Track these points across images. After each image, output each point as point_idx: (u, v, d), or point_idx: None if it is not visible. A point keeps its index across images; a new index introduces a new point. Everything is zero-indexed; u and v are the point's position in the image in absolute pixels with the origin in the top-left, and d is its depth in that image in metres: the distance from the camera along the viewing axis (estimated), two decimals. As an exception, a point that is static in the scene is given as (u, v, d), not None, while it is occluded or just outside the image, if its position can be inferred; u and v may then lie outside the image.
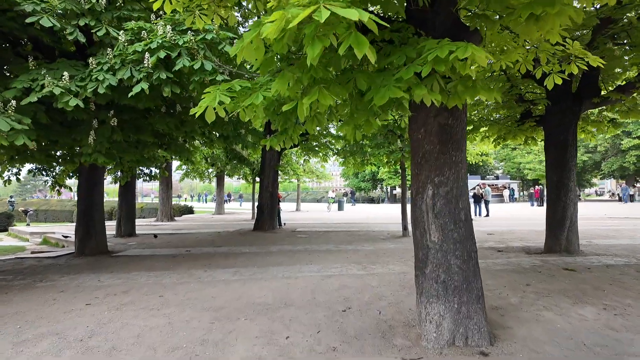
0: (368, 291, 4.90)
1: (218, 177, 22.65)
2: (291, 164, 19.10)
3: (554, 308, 4.10)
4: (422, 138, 3.33)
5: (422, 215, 3.30)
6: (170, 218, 18.25)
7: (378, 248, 8.52)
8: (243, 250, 8.49)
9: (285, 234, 11.59)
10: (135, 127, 7.10)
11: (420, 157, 3.34)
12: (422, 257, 3.32)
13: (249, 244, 9.45)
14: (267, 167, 12.27)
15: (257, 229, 12.34)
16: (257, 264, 6.91)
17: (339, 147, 12.99)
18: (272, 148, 12.57)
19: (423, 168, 3.31)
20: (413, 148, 3.45)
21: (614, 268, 5.97)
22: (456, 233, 3.23)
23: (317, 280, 5.51)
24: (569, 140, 7.28)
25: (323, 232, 11.86)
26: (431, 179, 3.27)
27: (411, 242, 9.90)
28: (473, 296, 3.23)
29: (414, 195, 3.41)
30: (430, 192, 3.26)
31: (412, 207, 3.46)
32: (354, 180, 45.53)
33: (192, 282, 5.64)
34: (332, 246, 8.87)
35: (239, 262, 7.07)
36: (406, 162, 10.61)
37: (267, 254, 7.92)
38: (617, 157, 35.53)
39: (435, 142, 3.27)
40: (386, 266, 6.45)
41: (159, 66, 5.02)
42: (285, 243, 9.52)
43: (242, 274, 6.09)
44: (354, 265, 6.53)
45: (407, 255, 7.50)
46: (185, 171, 22.99)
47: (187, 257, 7.87)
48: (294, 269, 6.33)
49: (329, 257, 7.47)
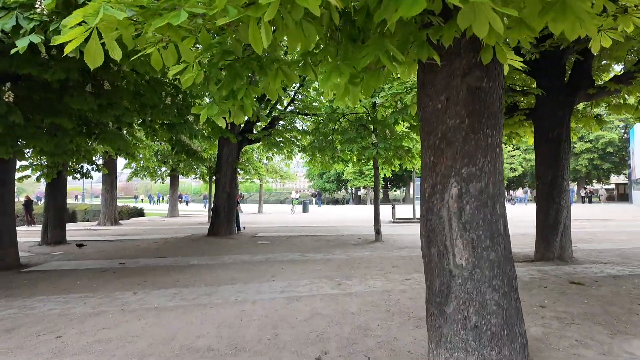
0: (348, 321, 3.73)
1: (172, 176, 20.69)
2: (252, 162, 17.60)
3: (591, 343, 3.14)
4: (442, 109, 2.21)
5: (442, 225, 2.18)
6: (115, 222, 16.21)
7: (351, 256, 7.40)
8: (191, 262, 7.07)
9: (244, 239, 10.21)
10: (49, 108, 5.53)
11: (439, 139, 2.22)
12: (441, 289, 2.20)
13: (199, 254, 8.02)
14: (224, 164, 10.83)
15: (212, 234, 10.85)
16: (206, 281, 5.55)
17: (306, 144, 11.79)
18: (230, 142, 11.14)
19: (444, 154, 2.20)
20: (426, 126, 2.32)
21: (623, 280, 5.21)
22: (493, 252, 2.14)
23: (280, 306, 4.27)
24: (562, 135, 6.55)
25: (287, 237, 10.59)
26: (456, 170, 2.15)
27: (387, 248, 8.98)
28: (517, 346, 2.15)
29: (428, 196, 2.28)
30: (454, 191, 2.15)
31: (423, 212, 2.33)
32: (319, 181, 44.50)
33: (112, 311, 4.21)
34: (297, 255, 7.64)
35: (183, 279, 5.68)
36: (379, 159, 9.61)
37: (220, 267, 6.56)
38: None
39: (463, 114, 2.16)
40: (365, 281, 5.33)
41: (61, 13, 3.58)
42: (244, 251, 8.18)
43: (183, 296, 4.73)
44: (325, 282, 5.35)
45: (385, 264, 6.44)
46: (134, 170, 20.87)
47: (119, 272, 6.35)
48: (252, 289, 5.04)
49: (294, 269, 6.24)
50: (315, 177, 45.17)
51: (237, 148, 11.06)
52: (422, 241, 2.38)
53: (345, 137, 8.85)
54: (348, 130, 9.21)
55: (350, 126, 9.42)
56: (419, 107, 2.39)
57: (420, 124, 2.40)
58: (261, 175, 20.00)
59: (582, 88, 6.51)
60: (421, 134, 2.39)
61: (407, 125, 9.05)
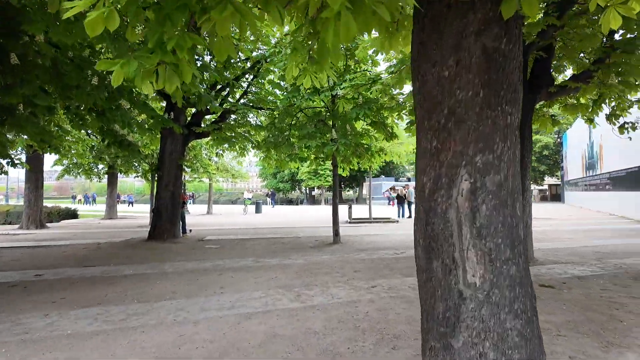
0: (312, 343, 3.12)
1: (109, 174, 18.83)
2: (201, 159, 16.36)
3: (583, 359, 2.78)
4: (450, 77, 1.67)
5: (449, 231, 1.64)
6: (40, 225, 14.29)
7: (309, 261, 6.80)
8: (125, 272, 6.07)
9: (190, 244, 9.23)
10: None
11: (444, 116, 1.68)
12: (446, 315, 1.66)
13: (136, 261, 6.99)
14: (167, 160, 9.75)
15: (152, 238, 9.72)
16: (139, 296, 4.67)
17: (260, 140, 11.01)
18: (175, 135, 10.05)
19: (451, 137, 1.66)
20: (426, 101, 1.77)
21: (588, 281, 5.10)
22: (514, 266, 1.64)
23: (229, 327, 3.55)
24: (525, 133, 6.44)
25: (239, 241, 9.76)
26: (468, 158, 1.62)
27: (346, 250, 8.42)
28: (541, 387, 1.65)
29: (429, 193, 1.73)
30: (466, 185, 1.62)
31: (421, 215, 1.78)
32: (273, 180, 43.48)
33: (9, 343, 3.25)
34: (251, 261, 6.90)
35: (112, 295, 4.74)
36: (338, 157, 9.11)
37: (159, 278, 5.66)
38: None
39: (477, 84, 1.63)
40: (327, 291, 4.75)
41: None
42: (188, 258, 7.27)
43: (108, 318, 3.85)
44: (283, 293, 4.69)
45: (347, 270, 5.91)
46: (66, 167, 18.75)
47: (32, 286, 5.24)
48: (195, 305, 4.26)
49: (247, 278, 5.51)
50: (268, 177, 44.12)
51: (182, 142, 10.02)
52: (417, 252, 1.82)
53: (303, 132, 8.23)
54: (306, 125, 8.60)
55: (308, 121, 8.82)
56: (415, 76, 1.83)
57: (416, 100, 1.84)
58: (210, 174, 18.77)
59: (543, 86, 6.43)
60: (418, 112, 1.84)
61: (368, 121, 8.63)
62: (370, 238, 10.11)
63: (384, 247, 8.28)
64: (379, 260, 6.81)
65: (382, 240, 9.63)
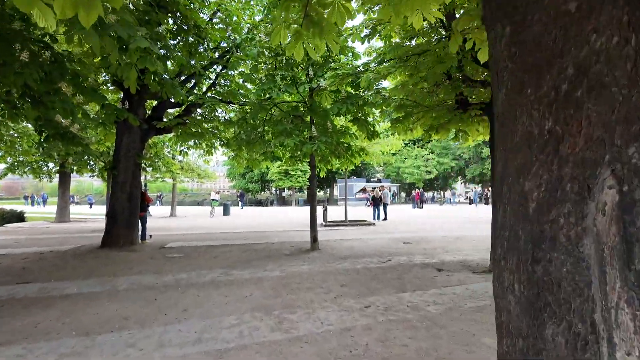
0: (305, 398, 2.37)
1: (61, 173, 17.11)
2: (163, 158, 15.07)
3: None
4: (580, 12, 0.97)
5: (581, 273, 0.94)
6: (-25, 230, 12.59)
7: (288, 272, 6.03)
8: (66, 290, 5.05)
9: (150, 252, 8.18)
10: None
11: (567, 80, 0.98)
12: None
13: (82, 275, 5.94)
14: (124, 157, 8.63)
15: (106, 246, 8.57)
16: (79, 325, 3.73)
17: (230, 137, 10.08)
18: (131, 130, 8.89)
19: (581, 114, 0.96)
20: (531, 52, 1.07)
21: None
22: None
23: (194, 373, 2.73)
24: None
25: (206, 248, 8.80)
26: (615, 149, 0.93)
27: (326, 259, 7.56)
28: None
29: (537, 209, 1.03)
30: (611, 197, 0.92)
31: (516, 243, 1.07)
32: (241, 181, 42.07)
33: None
34: (220, 273, 6.03)
35: (44, 324, 3.77)
36: (317, 156, 8.39)
37: (109, 298, 4.70)
38: (477, 164, 40.09)
39: (625, 23, 0.94)
40: (313, 314, 4.00)
41: None
42: (146, 270, 6.29)
43: (29, 363, 2.91)
44: (261, 318, 3.90)
45: (332, 283, 5.20)
46: (10, 165, 16.84)
47: (-62, 314, 4.14)
48: (151, 337, 3.39)
49: (216, 298, 4.67)
50: (237, 177, 42.64)
51: (141, 138, 8.93)
52: (504, 305, 1.13)
53: (280, 129, 7.44)
54: (282, 121, 7.80)
55: (284, 117, 8.03)
56: (500, 17, 1.14)
57: (503, 55, 1.15)
58: (174, 174, 17.47)
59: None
60: (505, 76, 1.15)
61: (350, 118, 7.97)
62: (348, 243, 9.46)
63: (366, 254, 7.64)
64: (365, 270, 6.15)
65: (362, 245, 9.00)
